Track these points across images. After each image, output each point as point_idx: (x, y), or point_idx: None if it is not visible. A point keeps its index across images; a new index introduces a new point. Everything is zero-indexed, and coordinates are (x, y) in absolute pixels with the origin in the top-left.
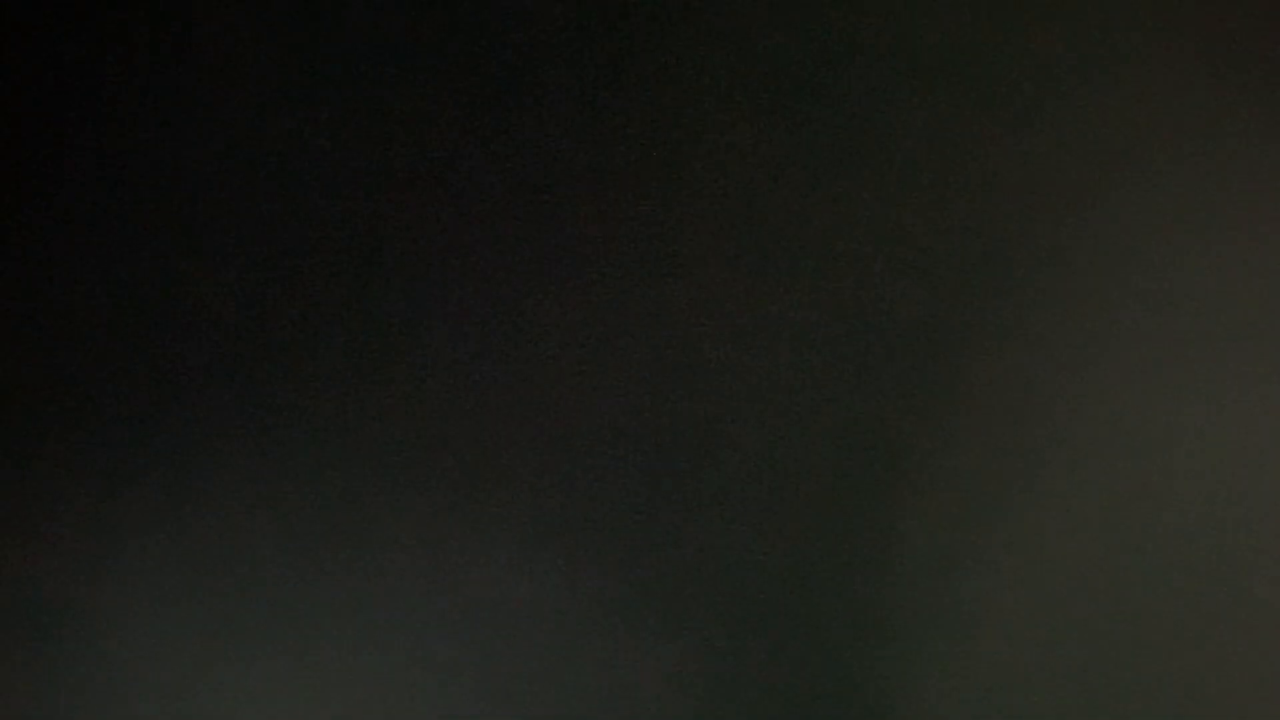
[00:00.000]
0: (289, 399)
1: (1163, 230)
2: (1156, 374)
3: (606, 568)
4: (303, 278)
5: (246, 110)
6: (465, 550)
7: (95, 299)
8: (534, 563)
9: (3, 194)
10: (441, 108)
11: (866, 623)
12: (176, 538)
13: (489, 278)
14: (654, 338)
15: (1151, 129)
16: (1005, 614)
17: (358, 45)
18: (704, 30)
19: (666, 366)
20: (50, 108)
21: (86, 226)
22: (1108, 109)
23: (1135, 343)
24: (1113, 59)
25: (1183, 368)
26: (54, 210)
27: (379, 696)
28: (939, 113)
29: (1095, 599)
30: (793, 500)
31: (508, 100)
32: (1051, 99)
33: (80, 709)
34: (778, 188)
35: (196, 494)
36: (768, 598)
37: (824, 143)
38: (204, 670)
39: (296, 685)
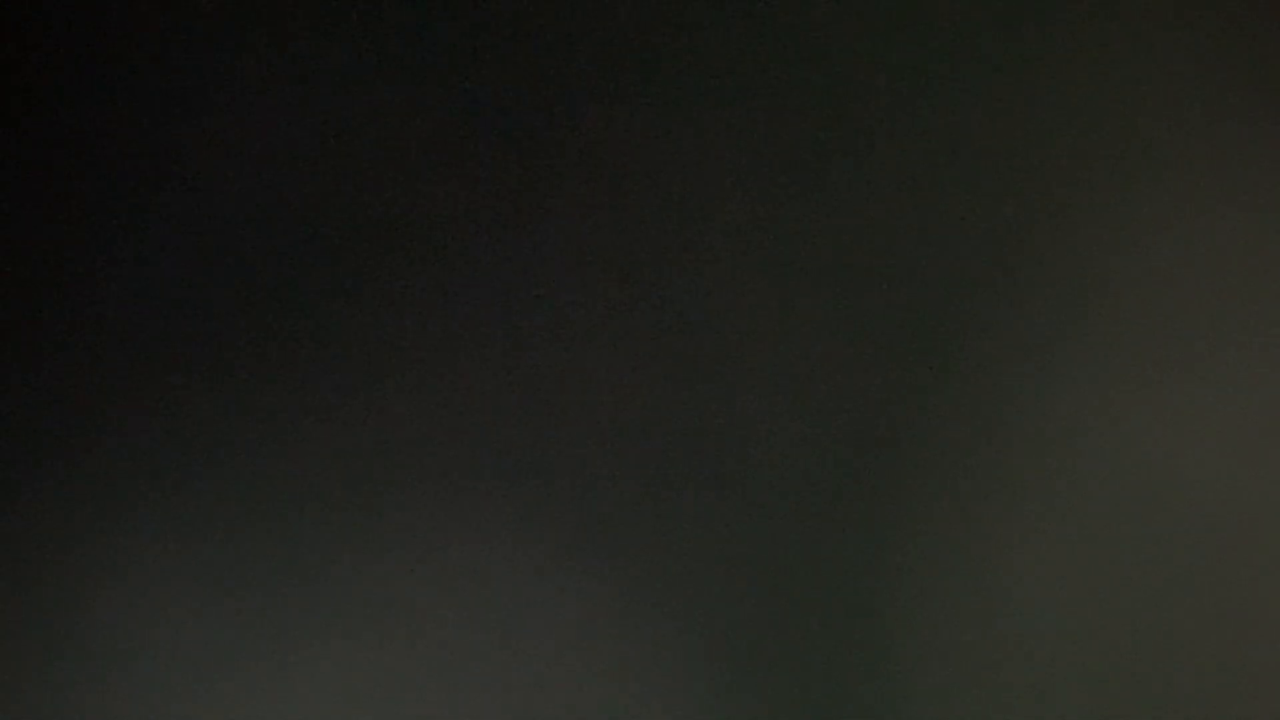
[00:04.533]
0: (293, 400)
1: (1164, 231)
2: (1156, 375)
3: (609, 568)
4: (308, 280)
5: (250, 111)
6: (471, 552)
7: (99, 302)
8: (538, 564)
9: (3, 195)
10: (449, 104)
11: (869, 622)
12: (180, 542)
13: (496, 277)
14: (657, 340)
15: (1146, 131)
16: (1006, 614)
17: (358, 44)
18: (708, 30)
19: (670, 370)
20: (51, 109)
21: (88, 229)
22: (1101, 112)
23: (1136, 344)
24: (1107, 65)
25: (1182, 367)
26: (56, 213)
27: (384, 699)
28: (938, 118)
29: (1096, 597)
30: (796, 502)
31: (516, 96)
32: (1048, 103)
33: (82, 711)
34: (778, 192)
35: (198, 496)
36: (770, 599)
37: (824, 148)
38: (209, 673)
39: (301, 688)
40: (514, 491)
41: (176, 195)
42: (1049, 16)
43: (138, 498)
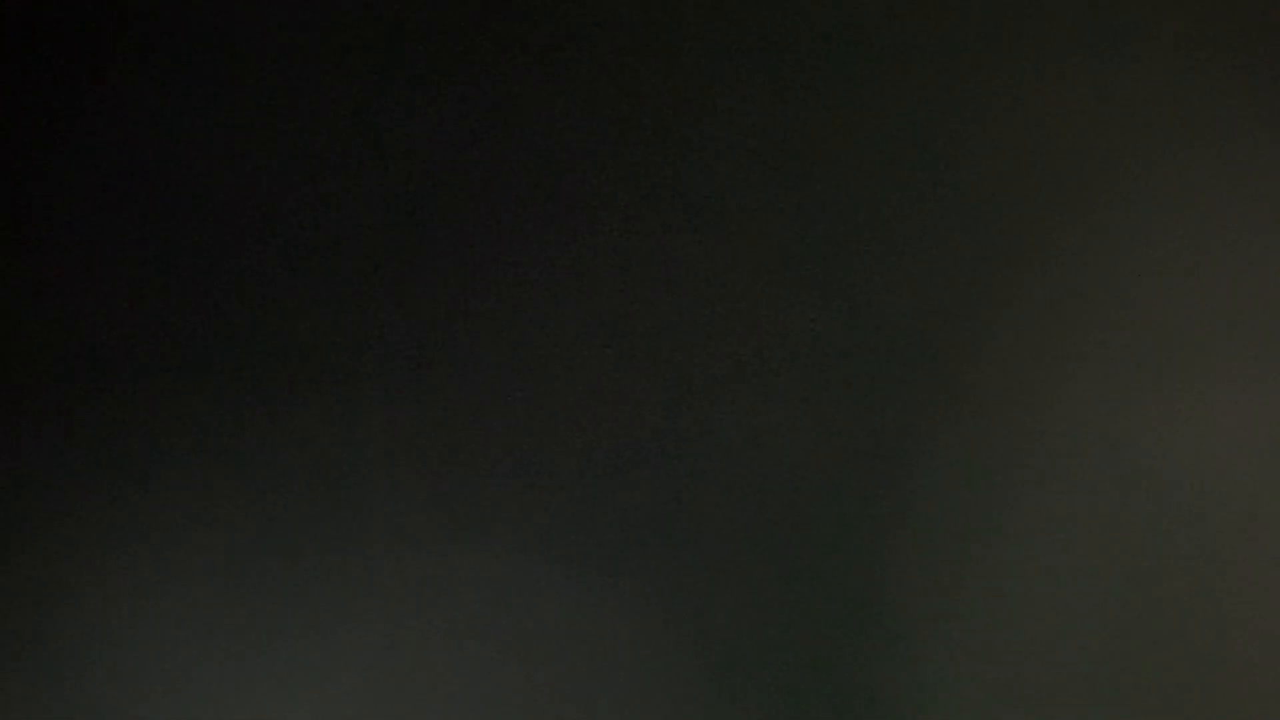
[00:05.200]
0: (293, 400)
1: (1164, 233)
2: (1159, 377)
3: (607, 568)
4: (308, 281)
5: (252, 112)
6: (472, 554)
7: (98, 300)
8: (536, 564)
9: (5, 196)
10: (451, 109)
11: (870, 622)
12: (175, 540)
13: (494, 282)
14: (657, 342)
15: (1150, 132)
16: (1006, 613)
17: (361, 45)
18: (709, 31)
19: (670, 370)
20: (53, 110)
21: (90, 229)
22: (1104, 115)
23: (1136, 344)
24: (1110, 64)
25: (1185, 369)
26: (59, 213)
27: (381, 701)
28: (940, 119)
29: (1095, 598)
30: (799, 505)
31: (514, 101)
32: (1050, 104)
33: (80, 709)
34: (777, 192)
35: (194, 496)
36: (774, 601)
37: (823, 147)
38: (202, 673)
39: (297, 688)
40: (516, 494)
41: (181, 194)
42: (1051, 17)
43: (132, 496)
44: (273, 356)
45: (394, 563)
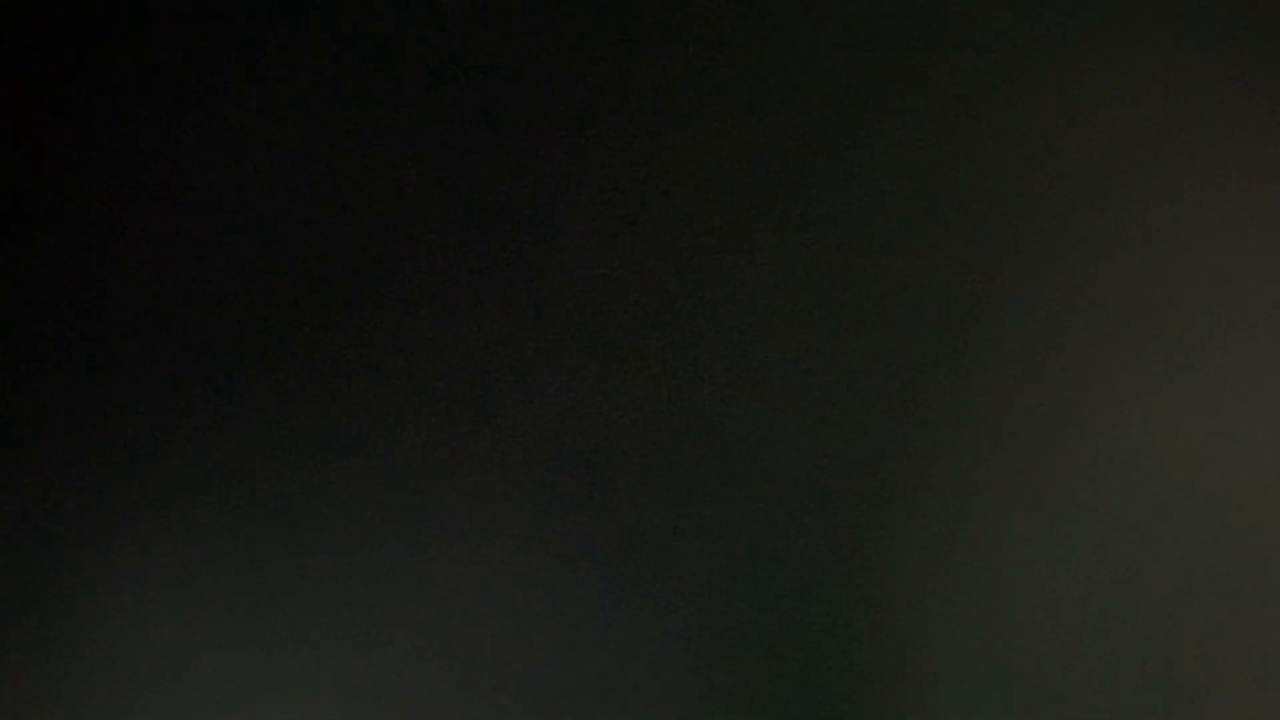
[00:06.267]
0: (299, 407)
1: (1164, 232)
2: (1156, 375)
3: (605, 565)
4: (305, 277)
5: (250, 113)
6: (477, 558)
7: (98, 299)
8: (535, 561)
9: (5, 196)
10: (444, 109)
11: (866, 619)
12: (185, 549)
13: (491, 275)
14: (654, 338)
15: (1151, 132)
16: (1005, 612)
17: (353, 48)
18: (705, 29)
19: (668, 366)
20: (52, 109)
21: (89, 228)
22: (1106, 112)
23: (1135, 343)
24: (1111, 62)
25: (1182, 367)
26: (58, 213)
27: (379, 696)
28: (942, 116)
29: (1096, 594)
30: (799, 504)
31: (509, 97)
32: (1052, 102)
33: (80, 709)
34: (778, 189)
35: (195, 494)
36: (767, 596)
37: (823, 145)
38: (204, 670)
39: (296, 685)
40: (517, 495)
41: (185, 198)
42: (1051, 17)
43: (142, 505)
44: (273, 355)
45: (395, 563)
